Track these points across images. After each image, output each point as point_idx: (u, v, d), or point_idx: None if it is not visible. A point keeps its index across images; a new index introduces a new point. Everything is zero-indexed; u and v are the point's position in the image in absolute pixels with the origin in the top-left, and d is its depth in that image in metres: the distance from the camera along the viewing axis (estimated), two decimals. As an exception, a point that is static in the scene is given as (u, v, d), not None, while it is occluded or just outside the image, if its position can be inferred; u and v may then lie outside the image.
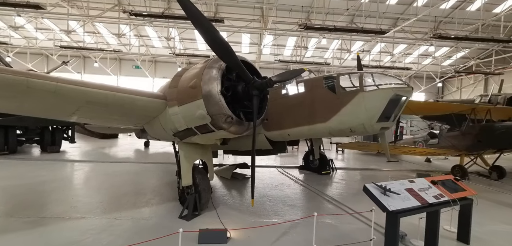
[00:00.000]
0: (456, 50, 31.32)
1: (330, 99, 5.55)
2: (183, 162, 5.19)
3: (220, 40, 3.67)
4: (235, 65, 4.03)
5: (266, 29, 23.85)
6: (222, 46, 3.73)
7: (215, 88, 4.03)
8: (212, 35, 3.60)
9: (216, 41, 3.66)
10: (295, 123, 6.14)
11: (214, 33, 3.59)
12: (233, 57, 3.89)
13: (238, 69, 4.10)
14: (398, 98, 5.16)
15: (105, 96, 4.15)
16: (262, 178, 8.74)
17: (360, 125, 5.25)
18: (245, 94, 4.38)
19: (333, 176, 9.52)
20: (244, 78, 4.23)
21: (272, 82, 4.29)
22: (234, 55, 3.89)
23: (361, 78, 5.23)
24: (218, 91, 4.03)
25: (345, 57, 31.13)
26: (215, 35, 3.61)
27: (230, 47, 3.81)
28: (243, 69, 4.09)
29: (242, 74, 4.17)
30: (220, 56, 3.92)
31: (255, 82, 4.22)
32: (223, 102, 4.05)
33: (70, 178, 8.05)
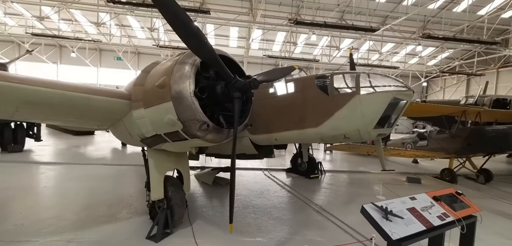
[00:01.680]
0: (441, 50, 31.87)
1: (323, 102, 4.96)
2: (153, 172, 4.45)
3: (192, 29, 2.95)
4: (212, 61, 3.34)
5: (254, 23, 23.05)
6: (196, 37, 3.02)
7: (187, 88, 3.32)
8: (182, 21, 2.87)
9: (188, 30, 2.94)
10: (283, 127, 5.52)
11: (184, 20, 2.87)
12: (209, 51, 3.19)
13: (215, 65, 3.41)
14: (398, 102, 4.65)
15: (48, 96, 3.35)
16: (247, 182, 8.11)
17: (355, 131, 4.70)
18: (225, 96, 3.70)
19: (322, 179, 9.04)
20: (224, 77, 3.55)
21: (257, 83, 3.63)
22: (210, 48, 3.19)
23: (357, 79, 4.66)
24: (191, 93, 3.33)
25: (334, 54, 30.93)
26: (186, 22, 2.89)
27: (205, 39, 3.11)
28: (221, 66, 3.40)
29: (221, 72, 3.48)
30: (193, 50, 3.22)
31: (236, 82, 3.54)
32: (196, 106, 3.36)
33: (29, 184, 7.07)
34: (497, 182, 9.73)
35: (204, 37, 3.06)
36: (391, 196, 7.23)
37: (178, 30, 2.91)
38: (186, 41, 3.03)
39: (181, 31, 2.92)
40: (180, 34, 2.94)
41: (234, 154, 3.65)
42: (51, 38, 29.15)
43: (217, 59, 3.29)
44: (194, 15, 19.95)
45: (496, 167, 11.80)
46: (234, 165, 3.66)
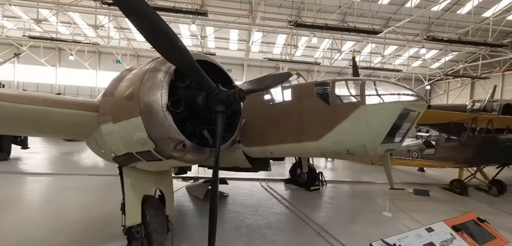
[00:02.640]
0: (445, 53, 31.23)
1: (323, 112, 4.39)
2: (128, 193, 3.90)
3: (162, 28, 2.40)
4: (188, 68, 2.79)
5: (254, 25, 22.56)
6: (166, 38, 2.47)
7: (158, 101, 2.78)
8: (149, 20, 2.31)
9: (157, 30, 2.39)
10: (279, 139, 4.96)
11: (151, 17, 2.31)
12: (185, 56, 2.65)
13: (193, 74, 2.86)
14: (409, 113, 4.07)
15: (-5, 109, 2.81)
16: (241, 196, 7.54)
17: (360, 146, 4.13)
18: (206, 109, 3.15)
19: (323, 191, 8.45)
20: (204, 87, 3.01)
21: (243, 94, 3.07)
22: (185, 52, 2.64)
23: (362, 87, 4.09)
24: (163, 106, 2.79)
25: (336, 57, 30.38)
26: (153, 19, 2.33)
27: (179, 41, 2.56)
28: (201, 74, 2.85)
29: (201, 82, 2.94)
30: (163, 54, 2.66)
31: (219, 93, 3.00)
32: (170, 123, 2.81)
33: (4, 200, 6.53)
34: (511, 193, 9.09)
35: (177, 39, 2.51)
36: (398, 212, 6.64)
37: (142, 29, 2.35)
38: (154, 44, 2.48)
39: (147, 30, 2.37)
40: (146, 34, 2.39)
41: (216, 180, 3.07)
42: (50, 41, 28.83)
43: (194, 66, 2.75)
44: (192, 18, 19.53)
45: (507, 175, 11.13)
46: (215, 190, 3.08)
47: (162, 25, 2.37)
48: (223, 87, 3.33)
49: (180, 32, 29.40)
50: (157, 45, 2.49)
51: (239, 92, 3.00)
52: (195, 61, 2.73)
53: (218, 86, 3.06)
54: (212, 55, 30.26)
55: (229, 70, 21.51)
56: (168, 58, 2.71)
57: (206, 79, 2.91)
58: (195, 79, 3.06)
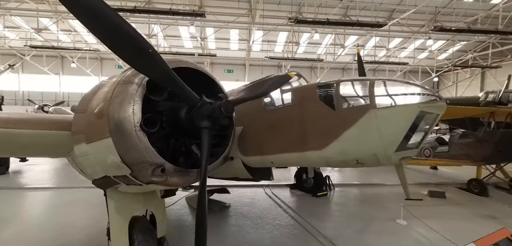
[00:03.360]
0: (453, 43, 30.22)
1: (327, 118, 3.92)
2: (113, 217, 3.51)
3: (127, 33, 1.96)
4: (163, 79, 2.36)
5: (254, 24, 22.09)
6: (133, 45, 2.04)
7: (130, 119, 2.36)
8: (108, 22, 1.86)
9: (120, 34, 1.95)
10: (279, 148, 4.51)
11: (112, 19, 1.87)
12: (157, 64, 2.21)
13: (169, 84, 2.43)
14: (426, 116, 3.57)
15: None
16: (243, 205, 7.12)
17: (371, 156, 3.65)
18: (190, 124, 2.73)
19: (330, 197, 7.97)
20: (184, 99, 2.58)
21: (230, 107, 2.64)
22: (158, 60, 2.21)
23: (371, 88, 3.60)
24: (136, 125, 2.37)
25: (339, 53, 29.68)
26: (115, 22, 1.88)
27: (149, 47, 2.11)
28: (178, 84, 2.42)
29: (179, 94, 2.51)
30: (130, 63, 2.21)
31: (202, 106, 2.56)
32: (145, 144, 2.39)
33: (2, 217, 6.23)
34: (532, 191, 8.46)
35: (147, 45, 2.07)
36: (413, 219, 6.12)
37: (100, 33, 1.91)
38: (117, 51, 2.05)
39: (106, 35, 1.93)
40: (106, 39, 1.94)
41: (204, 207, 2.64)
42: (52, 50, 28.88)
43: (170, 75, 2.32)
44: (190, 19, 19.16)
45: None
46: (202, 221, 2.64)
47: (127, 28, 1.94)
48: (212, 96, 2.92)
49: (180, 35, 29.15)
50: (122, 52, 2.06)
51: (225, 105, 2.57)
52: (170, 70, 2.30)
53: (202, 98, 2.63)
54: (212, 56, 29.97)
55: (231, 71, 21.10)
56: (137, 67, 2.29)
57: (186, 90, 2.48)
58: (173, 91, 2.64)
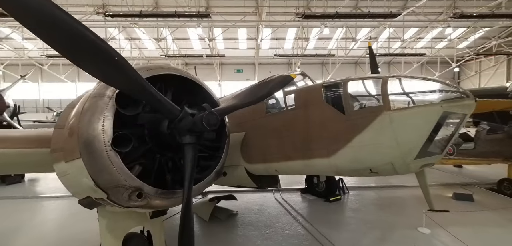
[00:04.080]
0: (474, 30, 28.38)
1: (335, 122, 3.50)
2: (105, 236, 3.27)
3: (86, 38, 1.66)
4: (134, 89, 2.05)
5: (261, 21, 21.68)
6: (94, 52, 1.73)
7: (99, 137, 2.08)
8: (63, 28, 1.56)
9: (78, 40, 1.65)
10: (284, 155, 4.14)
11: (67, 24, 1.57)
12: (125, 73, 1.90)
13: (142, 95, 2.12)
14: (451, 117, 3.08)
15: None
16: (251, 212, 6.79)
17: (387, 164, 3.20)
18: (172, 139, 2.42)
19: (344, 202, 7.48)
20: (161, 112, 2.28)
21: (215, 120, 2.31)
22: (127, 68, 1.90)
23: (384, 86, 3.15)
24: (107, 144, 2.08)
25: (351, 47, 28.67)
26: (71, 27, 1.59)
27: (115, 54, 1.80)
28: (152, 95, 2.11)
29: (156, 105, 2.20)
30: (93, 72, 1.88)
31: (182, 119, 2.25)
32: (118, 165, 2.11)
33: (17, 227, 6.23)
34: None
35: (111, 51, 1.76)
36: (437, 228, 5.55)
37: (52, 40, 1.63)
38: (74, 59, 1.74)
39: (60, 41, 1.63)
40: (60, 47, 1.64)
41: (188, 236, 2.32)
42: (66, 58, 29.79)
43: (142, 85, 2.01)
44: (197, 21, 19.04)
45: None
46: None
47: (86, 34, 1.64)
48: (203, 104, 2.61)
49: (188, 37, 29.23)
50: (82, 62, 1.77)
51: (207, 118, 2.24)
52: (142, 79, 1.99)
53: (182, 110, 2.31)
54: (221, 57, 29.87)
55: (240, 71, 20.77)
56: (103, 78, 1.99)
57: (162, 102, 2.17)
58: (148, 104, 2.34)
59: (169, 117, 2.34)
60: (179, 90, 2.89)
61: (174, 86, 2.85)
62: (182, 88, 2.90)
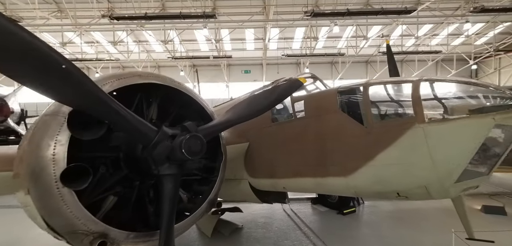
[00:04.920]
0: (494, 25, 26.87)
1: (353, 135, 2.96)
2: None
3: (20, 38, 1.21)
4: (87, 104, 1.57)
5: (268, 21, 21.14)
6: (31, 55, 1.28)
7: (48, 169, 1.63)
8: None
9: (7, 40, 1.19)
10: (293, 171, 3.62)
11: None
12: (76, 84, 1.43)
13: (102, 113, 1.64)
14: (503, 130, 2.47)
15: None
16: (258, 226, 6.29)
17: (420, 188, 2.63)
18: (149, 166, 1.94)
19: (359, 214, 6.86)
20: (131, 133, 1.80)
21: (200, 144, 1.82)
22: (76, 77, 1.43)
23: (417, 92, 2.57)
24: (57, 178, 1.61)
25: (362, 45, 27.71)
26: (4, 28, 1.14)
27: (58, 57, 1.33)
28: (117, 112, 1.63)
29: (123, 126, 1.72)
30: (30, 83, 1.41)
31: (157, 144, 1.76)
32: (73, 205, 1.66)
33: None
34: None
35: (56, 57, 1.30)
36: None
37: None
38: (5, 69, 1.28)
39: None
40: None
41: None
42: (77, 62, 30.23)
43: (100, 100, 1.53)
44: (203, 22, 18.68)
45: None
46: None
47: (21, 35, 1.17)
48: (196, 119, 2.12)
49: (195, 38, 29.00)
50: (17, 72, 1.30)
51: (189, 144, 1.75)
52: (101, 92, 1.52)
53: (160, 131, 1.83)
54: (228, 58, 29.59)
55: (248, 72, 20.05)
56: (44, 91, 1.51)
57: (130, 121, 1.69)
58: (112, 124, 1.85)
59: (141, 142, 1.87)
60: (167, 101, 2.41)
61: (161, 97, 2.38)
62: (171, 99, 2.43)
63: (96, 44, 30.00)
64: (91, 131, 1.88)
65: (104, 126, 1.95)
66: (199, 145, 1.82)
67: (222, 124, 2.24)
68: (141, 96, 2.16)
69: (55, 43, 27.94)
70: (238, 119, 2.39)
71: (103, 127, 1.95)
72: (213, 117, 2.51)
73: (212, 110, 2.64)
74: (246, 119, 2.48)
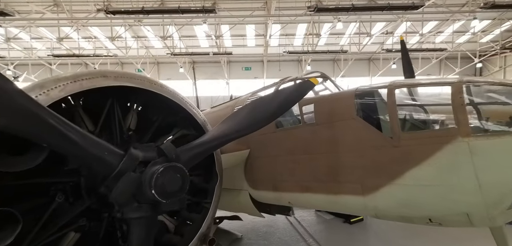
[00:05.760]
0: (500, 22, 26.24)
1: (375, 146, 2.48)
2: None
3: None
4: (11, 122, 1.07)
5: (270, 16, 20.57)
6: None
7: None
8: None
9: None
10: (301, 185, 3.15)
11: None
12: None
13: (27, 131, 1.15)
14: None
15: None
16: (258, 236, 5.85)
17: (459, 214, 2.15)
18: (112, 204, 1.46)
19: (368, 223, 6.41)
20: (80, 158, 1.32)
21: (179, 180, 1.32)
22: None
23: (459, 98, 2.07)
24: None
25: (365, 42, 27.14)
26: None
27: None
28: (46, 129, 1.14)
29: (65, 148, 1.24)
30: None
31: (122, 173, 1.27)
32: None
33: None
34: None
35: None
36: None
37: None
38: None
39: None
40: None
41: None
42: (76, 58, 29.69)
43: (31, 115, 1.05)
44: (203, 16, 18.13)
45: None
46: None
47: None
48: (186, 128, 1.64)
49: (195, 34, 28.42)
50: None
51: (162, 180, 1.26)
52: (34, 104, 1.04)
53: (126, 155, 1.35)
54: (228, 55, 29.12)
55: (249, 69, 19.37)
56: None
57: (75, 141, 1.21)
58: (49, 146, 1.35)
59: (98, 170, 1.39)
60: (151, 107, 1.93)
61: (143, 102, 1.90)
62: (156, 105, 1.94)
63: (94, 40, 29.46)
64: (28, 156, 1.38)
65: (41, 150, 1.46)
66: (178, 181, 1.33)
67: (215, 139, 1.75)
68: (112, 102, 1.67)
69: (52, 39, 27.42)
70: (236, 133, 1.89)
71: (40, 153, 1.46)
72: (205, 128, 2.03)
73: (203, 119, 2.15)
74: (246, 133, 2.00)
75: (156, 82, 1.90)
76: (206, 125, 2.10)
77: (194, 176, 2.17)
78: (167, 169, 1.34)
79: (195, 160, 1.62)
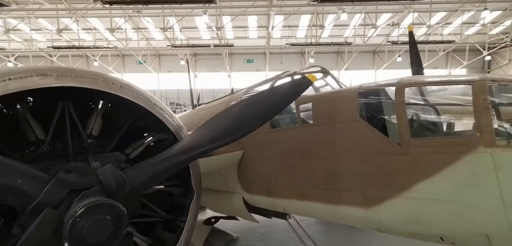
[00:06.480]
0: (511, 13, 25.33)
1: (381, 153, 2.17)
2: None
3: None
4: None
5: (272, 7, 20.04)
6: None
7: None
8: None
9: None
10: (297, 191, 2.88)
11: None
12: None
13: None
14: None
15: None
16: (254, 237, 5.65)
17: (479, 235, 1.85)
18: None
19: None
20: None
21: (114, 223, 1.01)
22: None
23: (482, 100, 1.75)
24: None
25: (370, 34, 26.46)
26: None
27: None
28: None
29: None
30: None
31: (41, 205, 0.99)
32: None
33: None
34: None
35: None
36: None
37: None
38: None
39: None
40: None
41: None
42: (76, 49, 29.50)
43: None
44: (203, 7, 17.67)
45: None
46: None
47: None
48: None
49: (196, 26, 27.94)
50: None
51: (78, 225, 0.97)
52: None
53: (52, 181, 1.06)
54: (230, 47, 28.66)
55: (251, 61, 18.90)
56: None
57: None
58: None
59: (12, 202, 1.09)
60: (121, 109, 1.64)
61: (111, 103, 1.61)
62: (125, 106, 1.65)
63: (94, 31, 29.17)
64: None
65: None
66: (107, 227, 0.99)
67: (188, 151, 1.40)
68: (64, 105, 1.37)
69: (51, 30, 27.17)
70: (217, 142, 1.55)
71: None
72: (179, 135, 1.72)
73: (177, 124, 1.82)
74: (228, 142, 1.68)
75: (114, 80, 1.58)
76: (180, 131, 1.78)
77: (171, 187, 1.89)
78: (90, 209, 1.02)
79: (157, 179, 1.34)
